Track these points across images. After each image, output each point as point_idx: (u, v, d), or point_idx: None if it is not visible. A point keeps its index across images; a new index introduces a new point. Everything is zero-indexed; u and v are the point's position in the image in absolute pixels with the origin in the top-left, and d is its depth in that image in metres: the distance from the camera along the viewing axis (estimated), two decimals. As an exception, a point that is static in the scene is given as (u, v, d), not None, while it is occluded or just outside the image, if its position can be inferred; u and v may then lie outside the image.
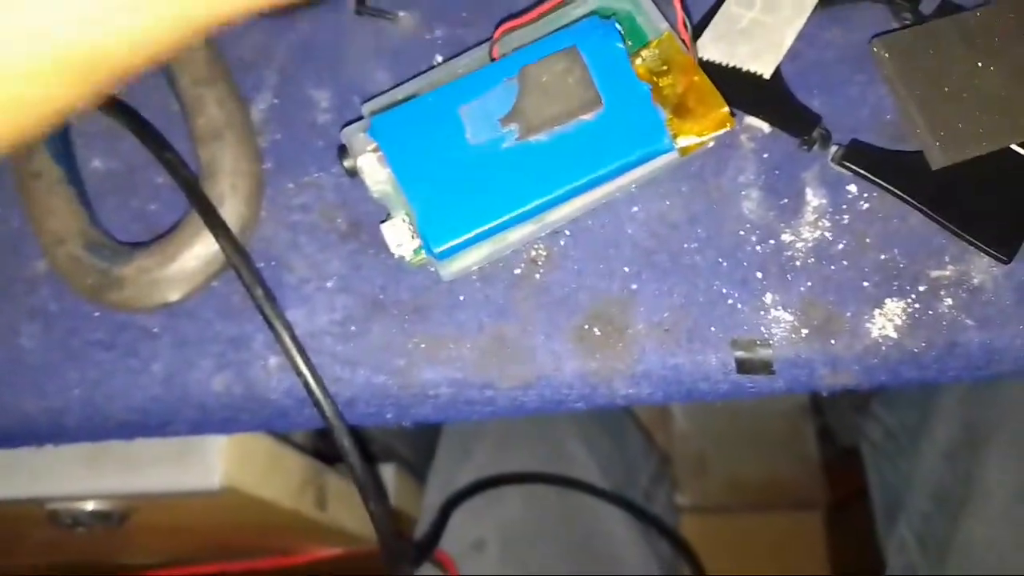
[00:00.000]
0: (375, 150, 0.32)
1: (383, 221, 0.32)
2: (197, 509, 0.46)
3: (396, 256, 0.32)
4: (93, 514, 0.43)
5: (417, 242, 0.31)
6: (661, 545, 0.63)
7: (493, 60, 0.33)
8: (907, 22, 0.34)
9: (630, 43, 0.32)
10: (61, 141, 0.35)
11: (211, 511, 0.47)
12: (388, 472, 0.67)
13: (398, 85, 0.34)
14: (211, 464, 0.42)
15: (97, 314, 0.34)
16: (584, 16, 0.33)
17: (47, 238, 0.34)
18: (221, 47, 0.36)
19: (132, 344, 0.33)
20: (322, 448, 0.54)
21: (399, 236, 0.32)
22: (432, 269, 0.32)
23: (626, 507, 0.61)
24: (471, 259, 0.32)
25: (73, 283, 0.33)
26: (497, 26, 0.33)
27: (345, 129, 0.33)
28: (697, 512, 1.02)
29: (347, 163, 0.32)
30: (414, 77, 0.34)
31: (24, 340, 0.34)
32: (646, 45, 0.32)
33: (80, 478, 0.42)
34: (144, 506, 0.44)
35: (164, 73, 0.35)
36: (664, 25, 0.32)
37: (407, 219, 0.32)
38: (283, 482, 0.48)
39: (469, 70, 0.33)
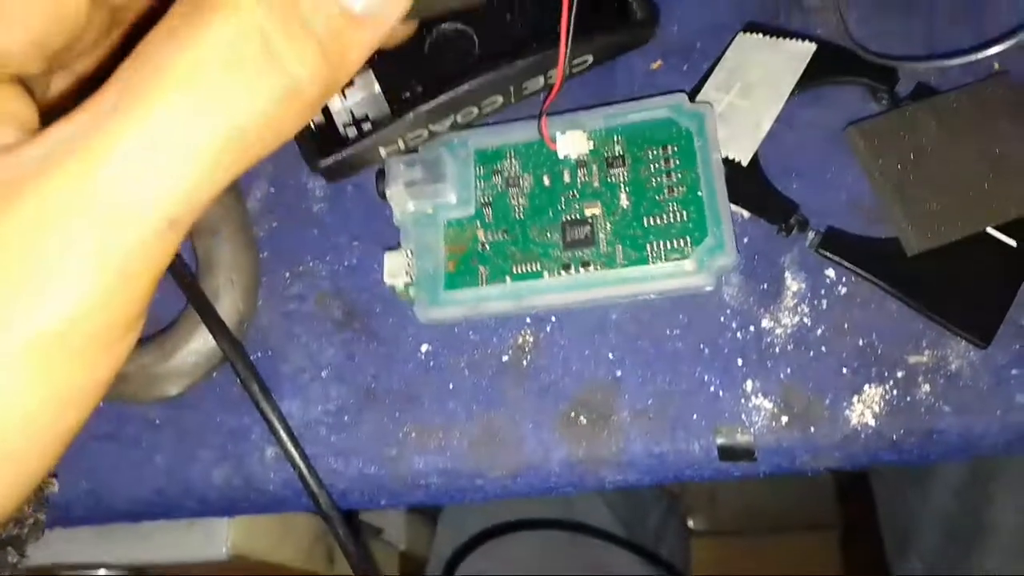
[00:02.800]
0: (409, 184, 0.33)
1: (389, 249, 0.34)
2: (209, 571, 0.47)
3: (387, 284, 0.33)
4: (105, 582, 0.44)
5: (408, 278, 0.33)
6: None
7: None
8: (884, 102, 0.34)
9: None
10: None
11: (223, 571, 0.48)
12: (399, 519, 0.68)
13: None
14: (219, 535, 0.43)
15: (102, 405, 0.35)
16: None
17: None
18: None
19: (135, 435, 0.35)
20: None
21: (396, 267, 0.33)
22: (412, 307, 0.33)
23: (635, 550, 0.61)
24: (451, 314, 0.33)
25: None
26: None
27: (389, 158, 0.34)
28: (710, 536, 1.02)
29: (380, 187, 0.34)
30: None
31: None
32: None
33: (91, 547, 0.43)
34: (155, 571, 0.46)
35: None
36: None
37: (410, 254, 0.33)
38: (293, 544, 0.50)
39: None
